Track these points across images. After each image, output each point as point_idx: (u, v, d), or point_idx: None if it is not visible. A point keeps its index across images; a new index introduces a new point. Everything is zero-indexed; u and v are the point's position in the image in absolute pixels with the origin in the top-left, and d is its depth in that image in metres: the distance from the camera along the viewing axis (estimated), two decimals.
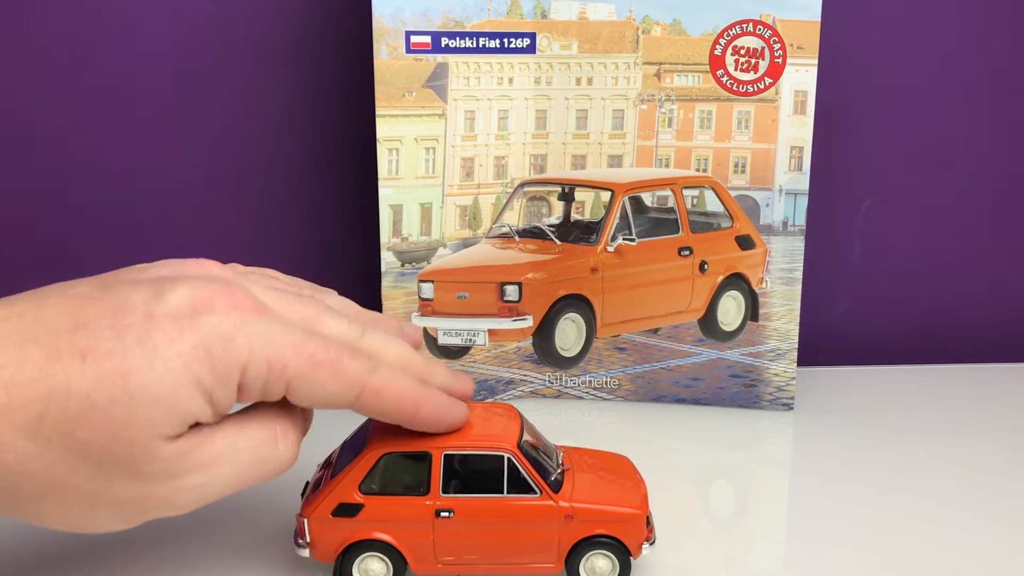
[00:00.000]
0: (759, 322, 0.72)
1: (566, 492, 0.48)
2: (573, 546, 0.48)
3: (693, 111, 0.70)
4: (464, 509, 0.47)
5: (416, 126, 0.69)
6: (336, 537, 0.48)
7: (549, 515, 0.47)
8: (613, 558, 0.48)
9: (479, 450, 0.47)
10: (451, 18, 0.67)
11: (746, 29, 0.67)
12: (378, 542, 0.47)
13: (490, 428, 0.49)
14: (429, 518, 0.47)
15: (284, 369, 0.40)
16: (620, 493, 0.49)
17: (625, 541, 0.48)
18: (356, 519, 0.47)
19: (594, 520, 0.48)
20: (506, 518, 0.47)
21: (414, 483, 0.47)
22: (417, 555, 0.48)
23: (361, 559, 0.48)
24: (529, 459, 0.48)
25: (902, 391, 0.78)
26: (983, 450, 0.67)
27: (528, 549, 0.48)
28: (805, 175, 0.70)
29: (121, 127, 0.76)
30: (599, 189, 0.71)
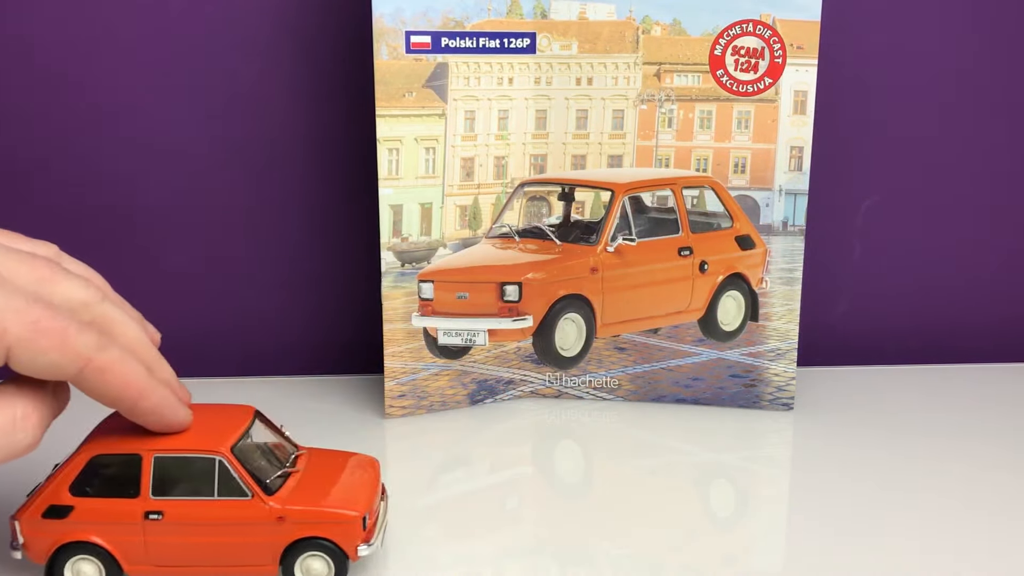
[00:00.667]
0: (759, 322, 0.72)
1: (282, 495, 0.48)
2: (288, 548, 0.48)
3: (693, 111, 0.70)
4: (174, 512, 0.47)
5: (416, 126, 0.69)
6: (47, 539, 0.48)
7: (260, 517, 0.48)
8: (328, 560, 0.48)
9: (191, 452, 0.47)
10: (451, 18, 0.67)
11: (746, 29, 0.67)
12: (89, 544, 0.48)
13: (207, 431, 0.48)
14: (139, 520, 0.47)
15: (3, 334, 0.39)
16: (341, 495, 0.49)
17: (339, 543, 0.48)
18: (66, 521, 0.47)
19: (307, 522, 0.48)
20: (217, 520, 0.47)
21: (124, 485, 0.47)
22: (129, 557, 0.48)
23: (73, 561, 0.48)
24: (245, 462, 0.48)
25: (902, 391, 0.78)
26: (983, 450, 0.67)
27: (242, 551, 0.48)
28: (805, 175, 0.70)
29: (120, 127, 0.76)
30: (599, 189, 0.71)
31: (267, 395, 0.76)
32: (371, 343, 0.77)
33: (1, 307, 0.39)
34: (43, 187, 0.77)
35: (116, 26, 0.74)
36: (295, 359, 0.81)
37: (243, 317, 0.80)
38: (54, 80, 0.75)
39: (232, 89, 0.76)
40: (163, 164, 0.77)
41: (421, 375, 0.72)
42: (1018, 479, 0.63)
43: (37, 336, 0.40)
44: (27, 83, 0.75)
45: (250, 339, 0.81)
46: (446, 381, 0.72)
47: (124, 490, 0.47)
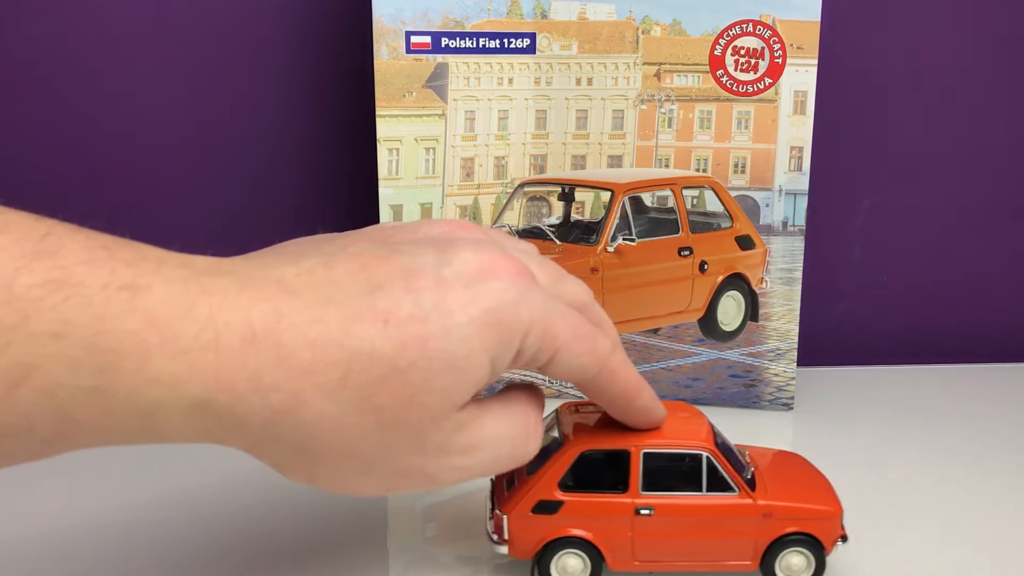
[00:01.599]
0: (759, 322, 0.72)
1: (761, 490, 0.48)
2: (770, 544, 0.48)
3: (693, 111, 0.70)
4: (664, 507, 0.47)
5: (416, 126, 0.69)
6: (535, 534, 0.48)
7: (748, 513, 0.47)
8: (808, 555, 0.48)
9: (678, 448, 0.47)
10: (451, 18, 0.67)
11: (746, 29, 0.67)
12: (577, 539, 0.48)
13: (685, 427, 0.49)
14: (629, 516, 0.47)
15: (555, 339, 0.41)
16: (812, 491, 0.49)
17: (820, 538, 0.48)
18: (555, 516, 0.48)
19: (791, 517, 0.48)
20: (705, 516, 0.47)
21: (613, 481, 0.47)
22: (615, 552, 0.48)
23: (559, 556, 0.48)
24: (726, 458, 0.48)
25: (902, 391, 0.78)
26: (983, 450, 0.67)
27: (725, 547, 0.48)
28: (805, 175, 0.70)
29: (119, 127, 0.76)
30: (599, 189, 0.71)
31: None
32: None
33: (554, 313, 0.41)
34: (43, 187, 0.77)
35: (116, 26, 0.74)
36: None
37: None
38: (54, 80, 0.75)
39: (232, 89, 0.76)
40: (163, 164, 0.77)
41: None
42: (1019, 479, 0.63)
43: (577, 341, 0.41)
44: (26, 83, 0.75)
45: None
46: None
47: (613, 486, 0.47)
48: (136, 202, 0.77)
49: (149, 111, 0.76)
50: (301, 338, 0.35)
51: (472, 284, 0.39)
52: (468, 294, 0.38)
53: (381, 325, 0.36)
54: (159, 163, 0.77)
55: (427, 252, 0.40)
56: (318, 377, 0.36)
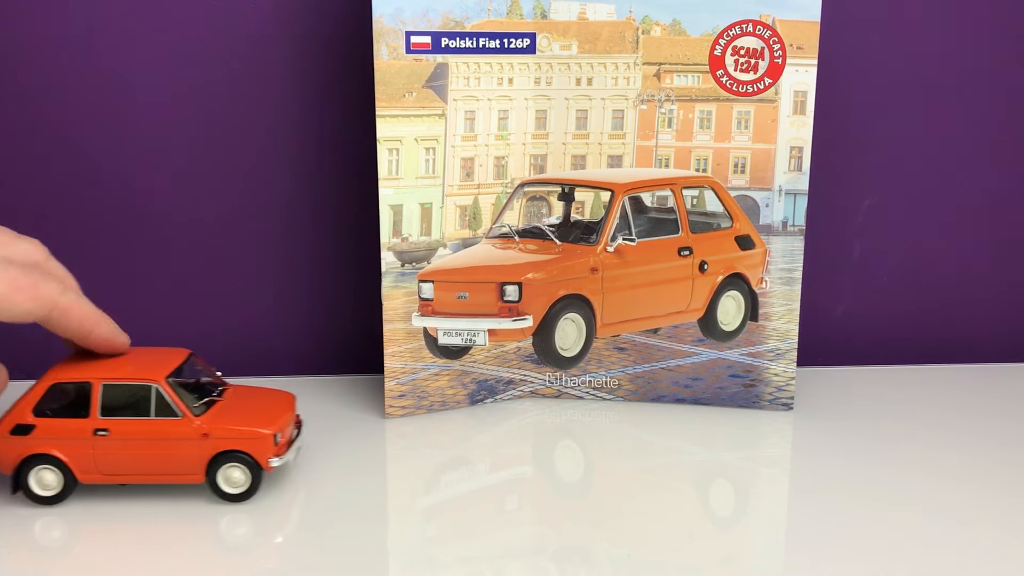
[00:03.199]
0: (759, 322, 0.72)
1: (207, 417, 0.58)
2: (211, 459, 0.58)
3: (693, 111, 0.70)
4: (118, 429, 0.57)
5: (416, 126, 0.69)
6: (13, 452, 0.57)
7: (188, 434, 0.57)
8: (245, 470, 0.58)
9: (132, 380, 0.57)
10: (451, 18, 0.67)
11: (746, 29, 0.67)
12: (49, 456, 0.57)
13: (147, 363, 0.59)
14: (89, 436, 0.57)
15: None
16: (257, 418, 0.59)
17: (254, 455, 0.58)
18: (29, 437, 0.57)
19: (226, 437, 0.57)
20: (152, 437, 0.57)
21: (78, 408, 0.57)
22: (82, 467, 0.57)
23: (36, 471, 0.57)
24: (176, 389, 0.58)
25: (902, 391, 0.78)
26: (983, 450, 0.67)
27: (175, 462, 0.58)
28: (805, 175, 0.70)
29: (118, 127, 0.76)
30: (599, 189, 0.71)
31: None
32: (371, 343, 0.77)
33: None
34: (42, 187, 0.77)
35: (115, 26, 0.74)
36: (295, 359, 0.81)
37: (243, 317, 0.80)
38: (53, 79, 0.75)
39: (232, 89, 0.76)
40: (162, 164, 0.77)
41: (421, 375, 0.72)
42: (1018, 478, 0.63)
43: (15, 292, 0.50)
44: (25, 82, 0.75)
45: (250, 339, 0.81)
46: (446, 381, 0.72)
47: (77, 411, 0.57)
48: (136, 200, 0.77)
49: (149, 111, 0.76)
50: None
51: None
52: None
53: None
54: (159, 163, 0.77)
55: None
56: None
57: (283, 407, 0.61)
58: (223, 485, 0.58)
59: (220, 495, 0.58)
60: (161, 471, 0.58)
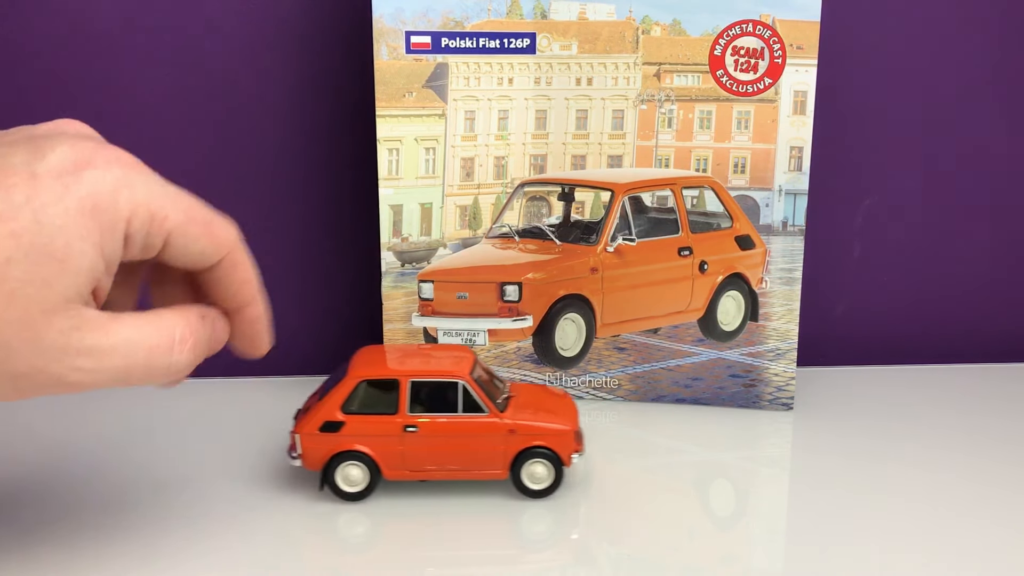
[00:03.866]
0: (759, 322, 0.72)
1: (509, 413, 0.58)
2: (516, 455, 0.58)
3: (693, 111, 0.70)
4: (427, 425, 0.57)
5: (416, 126, 0.69)
6: (322, 449, 0.57)
7: (496, 430, 0.57)
8: (549, 465, 0.58)
9: (439, 377, 0.57)
10: (451, 18, 0.67)
11: (746, 29, 0.67)
12: (357, 452, 0.57)
13: (447, 362, 0.59)
14: (399, 433, 0.57)
15: (165, 220, 0.42)
16: (554, 415, 0.59)
17: (558, 451, 0.58)
18: (338, 434, 0.57)
19: (531, 434, 0.58)
20: (461, 433, 0.57)
21: (386, 404, 0.57)
22: (389, 463, 0.58)
23: (343, 467, 0.58)
24: (480, 386, 0.58)
25: (902, 391, 0.78)
26: (983, 449, 0.67)
27: (480, 458, 0.58)
28: (805, 175, 0.70)
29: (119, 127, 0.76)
30: (599, 189, 0.71)
31: (267, 395, 0.76)
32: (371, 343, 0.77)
33: (159, 194, 0.42)
34: None
35: (115, 27, 0.74)
36: (295, 359, 0.81)
37: None
38: (52, 80, 0.75)
39: (232, 89, 0.76)
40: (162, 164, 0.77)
41: None
42: (1018, 478, 0.63)
43: (190, 224, 0.43)
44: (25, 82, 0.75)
45: None
46: None
47: (386, 408, 0.57)
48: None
49: (148, 110, 0.76)
50: None
51: (65, 176, 0.39)
52: (60, 185, 0.39)
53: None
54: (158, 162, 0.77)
55: (20, 151, 0.40)
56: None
57: (570, 405, 0.61)
58: (526, 481, 0.58)
59: (522, 491, 0.59)
60: (466, 467, 0.58)
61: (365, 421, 0.57)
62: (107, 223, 0.40)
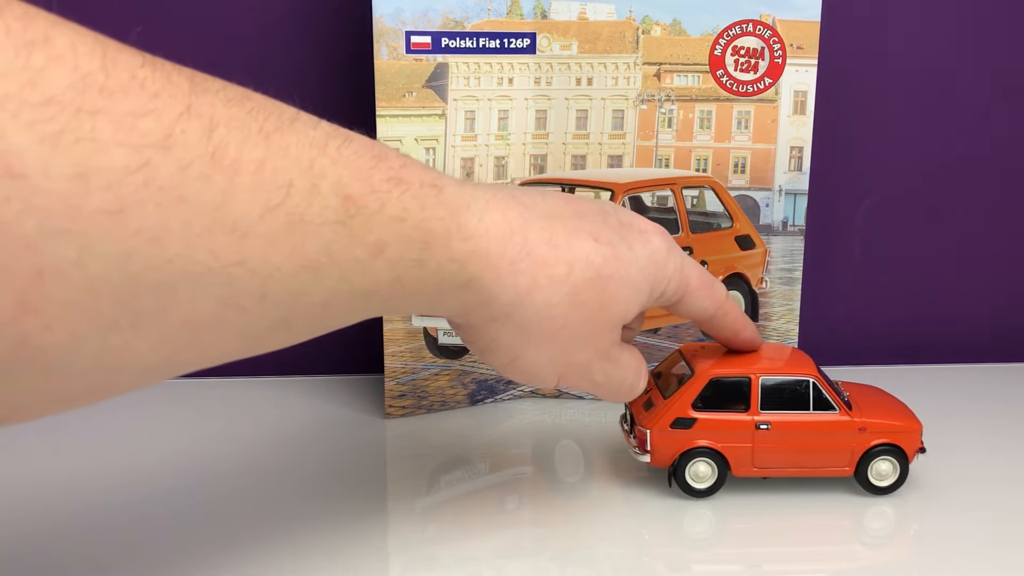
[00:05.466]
0: (759, 322, 0.72)
1: (856, 410, 0.59)
2: (864, 453, 0.58)
3: (693, 111, 0.70)
4: (779, 423, 0.58)
5: (416, 126, 0.69)
6: (673, 446, 0.58)
7: (846, 428, 0.58)
8: (895, 462, 0.58)
9: (790, 375, 0.58)
10: (451, 18, 0.67)
11: (746, 29, 0.67)
12: (707, 449, 0.58)
13: (793, 360, 0.60)
14: (750, 430, 0.57)
15: (687, 283, 0.52)
16: (895, 411, 0.60)
17: (904, 448, 0.58)
18: (689, 431, 0.58)
19: (881, 431, 0.58)
20: (812, 431, 0.58)
21: (737, 402, 0.58)
22: (739, 461, 0.58)
23: (692, 463, 0.58)
24: (828, 383, 0.59)
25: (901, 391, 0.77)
26: (982, 450, 0.67)
27: (828, 456, 0.58)
28: (805, 175, 0.70)
29: None
30: (599, 189, 0.71)
31: (267, 395, 0.76)
32: (371, 343, 0.77)
33: (687, 265, 0.52)
34: None
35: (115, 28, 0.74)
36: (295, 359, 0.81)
37: None
38: None
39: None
40: None
41: (421, 375, 0.72)
42: (1018, 478, 0.63)
43: (701, 288, 0.53)
44: None
45: None
46: (446, 381, 0.72)
47: (737, 406, 0.58)
48: None
49: None
50: (541, 238, 0.45)
51: (642, 232, 0.50)
52: (641, 237, 0.50)
53: (592, 242, 0.47)
54: None
55: (605, 205, 0.51)
56: (551, 270, 0.45)
57: (902, 403, 0.62)
58: (872, 478, 0.59)
59: (868, 488, 0.59)
60: (814, 464, 0.58)
61: (716, 419, 0.58)
62: (658, 275, 0.50)
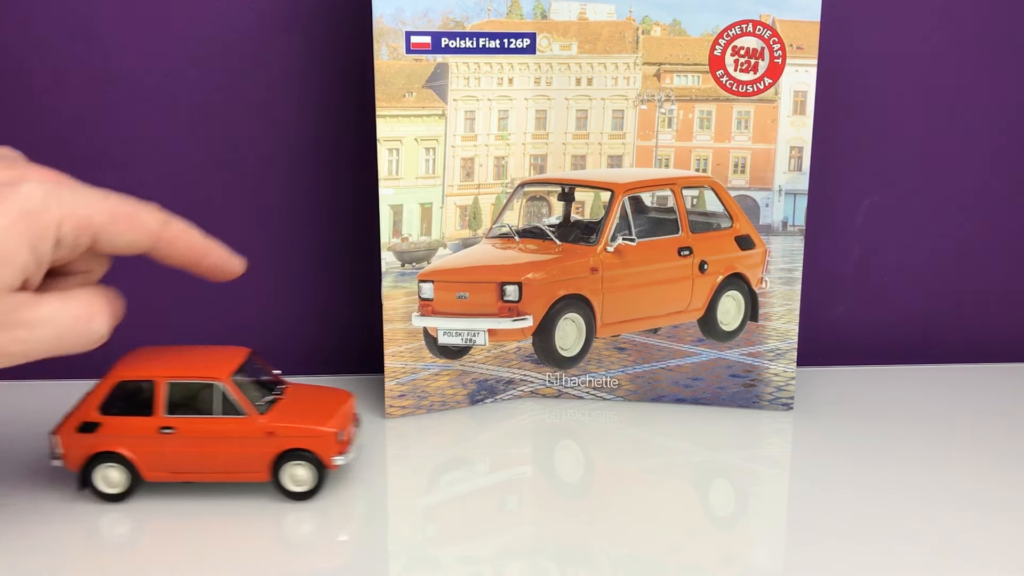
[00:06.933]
0: (759, 322, 0.72)
1: (271, 415, 0.58)
2: (276, 457, 0.58)
3: (693, 111, 0.70)
4: (184, 427, 0.57)
5: (416, 126, 0.69)
6: (80, 450, 0.57)
7: (253, 432, 0.57)
8: (310, 468, 0.58)
9: (196, 379, 0.57)
10: (451, 18, 0.67)
11: (746, 29, 0.67)
12: (115, 454, 0.57)
13: (210, 361, 0.59)
14: (155, 434, 0.57)
15: (89, 222, 0.49)
16: (319, 416, 0.58)
17: (319, 453, 0.58)
18: (95, 435, 0.57)
19: (291, 436, 0.57)
20: (218, 435, 0.57)
21: (142, 405, 0.57)
22: (148, 465, 0.58)
23: (102, 468, 0.57)
24: (241, 388, 0.57)
25: (902, 391, 0.78)
26: (983, 450, 0.67)
27: (240, 460, 0.58)
28: (805, 175, 0.70)
29: (119, 127, 0.76)
30: (599, 189, 0.71)
31: None
32: (371, 343, 0.78)
33: (84, 202, 0.49)
34: None
35: (114, 27, 0.74)
36: (295, 359, 0.81)
37: (243, 317, 0.80)
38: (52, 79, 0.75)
39: (232, 89, 0.76)
40: (163, 164, 0.77)
41: (421, 375, 0.72)
42: (1018, 478, 0.63)
43: (116, 221, 0.50)
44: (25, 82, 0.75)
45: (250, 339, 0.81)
46: (446, 381, 0.72)
47: (142, 409, 0.57)
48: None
49: (148, 110, 0.76)
50: None
51: (9, 185, 0.47)
52: (7, 191, 0.47)
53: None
54: (159, 162, 0.77)
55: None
56: None
57: (342, 405, 0.61)
58: (288, 483, 0.58)
59: (285, 493, 0.58)
60: (226, 469, 0.58)
61: (122, 422, 0.57)
62: (38, 229, 0.47)
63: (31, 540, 0.55)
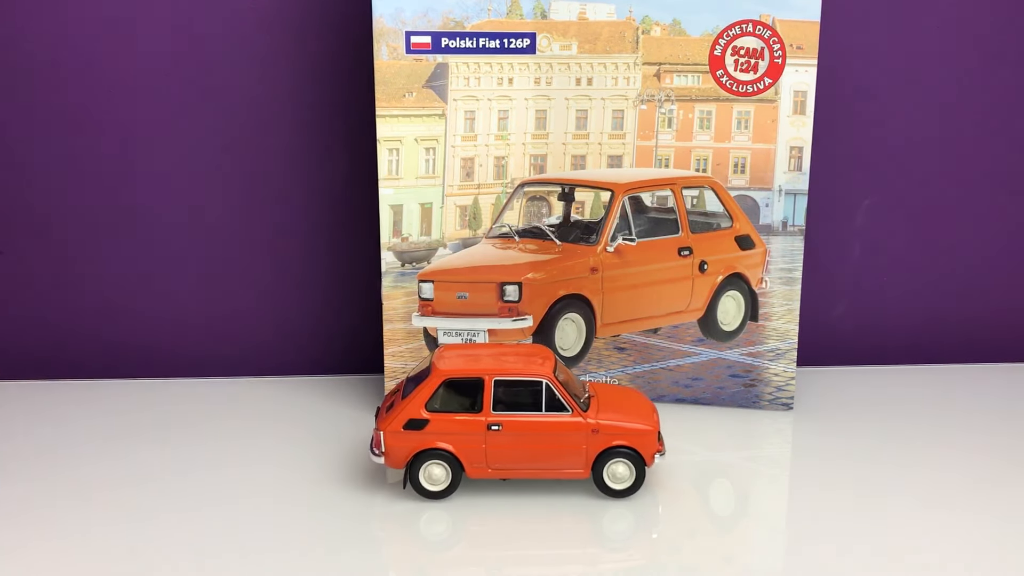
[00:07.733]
0: (759, 322, 0.72)
1: (592, 412, 0.58)
2: (598, 455, 0.58)
3: (693, 111, 0.70)
4: (510, 424, 0.57)
5: (416, 126, 0.69)
6: (406, 447, 0.58)
7: (579, 429, 0.58)
8: (630, 465, 0.58)
9: (523, 376, 0.58)
10: (451, 18, 0.67)
11: (746, 29, 0.67)
12: (440, 451, 0.58)
13: (530, 360, 0.59)
14: (482, 431, 0.57)
15: None
16: (635, 414, 0.59)
17: (640, 451, 0.58)
18: (422, 432, 0.58)
19: (615, 433, 0.58)
20: (544, 432, 0.58)
21: (470, 403, 0.58)
22: (472, 462, 0.58)
23: (426, 465, 0.58)
24: (562, 385, 0.58)
25: (902, 391, 0.78)
26: (983, 450, 0.67)
27: (562, 457, 0.58)
28: (805, 175, 0.70)
29: (120, 127, 0.76)
30: (599, 189, 0.71)
31: (267, 395, 0.76)
32: (371, 343, 0.78)
33: None
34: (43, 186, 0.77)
35: (115, 26, 0.74)
36: (295, 359, 0.81)
37: (243, 317, 0.80)
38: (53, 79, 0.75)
39: (232, 89, 0.76)
40: (163, 164, 0.77)
41: None
42: (1018, 478, 0.63)
43: None
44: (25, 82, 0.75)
45: (250, 339, 0.81)
46: None
47: (470, 407, 0.58)
48: (135, 200, 0.77)
49: (147, 109, 0.76)
50: None
51: None
52: None
53: None
54: (159, 161, 0.77)
55: None
56: None
57: (650, 406, 0.61)
58: (608, 480, 0.59)
59: (604, 490, 0.59)
60: (549, 466, 0.58)
61: (449, 419, 0.58)
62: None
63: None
